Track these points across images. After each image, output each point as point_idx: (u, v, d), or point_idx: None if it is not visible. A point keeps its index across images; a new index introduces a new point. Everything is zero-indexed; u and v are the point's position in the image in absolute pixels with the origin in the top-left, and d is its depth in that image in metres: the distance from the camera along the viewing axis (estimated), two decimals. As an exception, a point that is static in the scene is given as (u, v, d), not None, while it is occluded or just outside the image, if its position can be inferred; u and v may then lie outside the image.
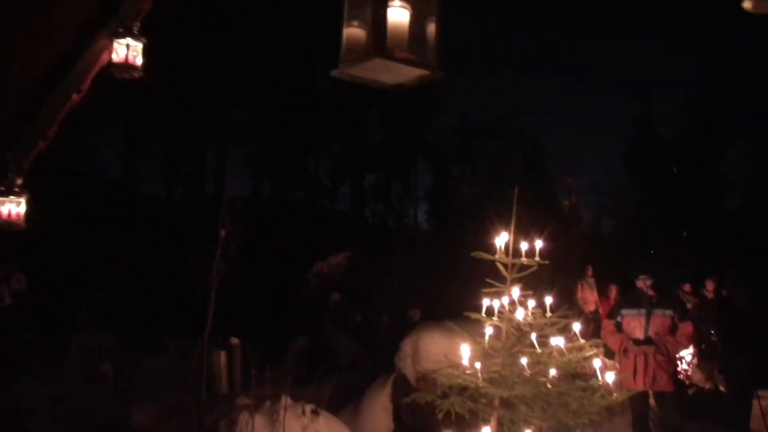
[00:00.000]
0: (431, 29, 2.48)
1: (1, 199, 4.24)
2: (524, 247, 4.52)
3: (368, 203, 29.42)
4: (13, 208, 4.28)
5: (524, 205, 4.79)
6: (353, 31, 2.47)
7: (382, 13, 2.35)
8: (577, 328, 4.57)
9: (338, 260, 16.67)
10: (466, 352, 4.44)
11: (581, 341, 4.52)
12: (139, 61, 4.14)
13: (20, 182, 4.29)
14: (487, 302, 4.56)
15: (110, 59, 4.05)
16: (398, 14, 2.38)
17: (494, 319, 4.53)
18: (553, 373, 4.32)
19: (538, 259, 4.51)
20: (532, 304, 4.54)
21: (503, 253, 4.54)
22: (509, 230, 4.55)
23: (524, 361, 4.33)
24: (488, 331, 4.51)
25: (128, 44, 4.06)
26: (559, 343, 4.39)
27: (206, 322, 6.53)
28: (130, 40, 4.07)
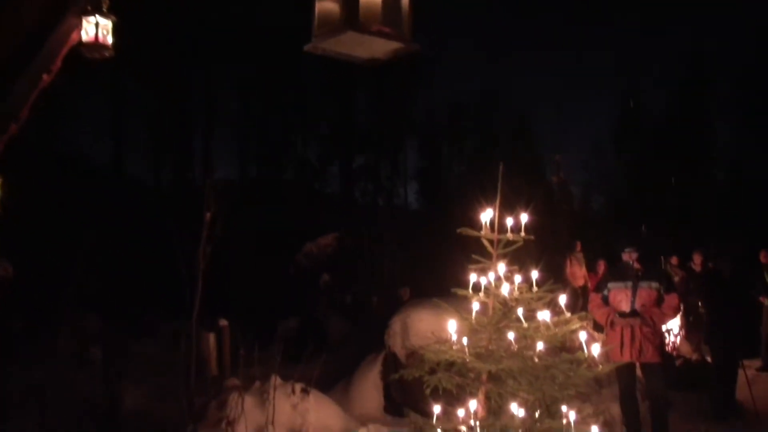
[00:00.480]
0: (405, 2, 2.43)
1: None
2: (510, 222, 4.51)
3: (358, 183, 29.36)
4: None
5: (511, 181, 4.77)
6: (326, 4, 2.42)
7: (354, -15, 2.31)
8: (563, 301, 4.58)
9: (327, 241, 16.68)
10: (453, 328, 4.45)
11: (567, 315, 4.54)
12: (109, 40, 4.02)
13: None
14: (473, 278, 4.56)
15: (80, 38, 3.95)
16: (371, -14, 2.34)
17: (481, 294, 4.53)
18: (539, 346, 4.33)
19: (523, 234, 4.50)
20: (518, 279, 4.55)
21: (489, 229, 4.53)
22: (495, 206, 4.54)
23: (511, 335, 4.35)
24: (475, 306, 4.51)
25: (97, 22, 3.94)
26: (545, 317, 4.40)
27: (194, 304, 6.51)
28: (99, 18, 3.96)
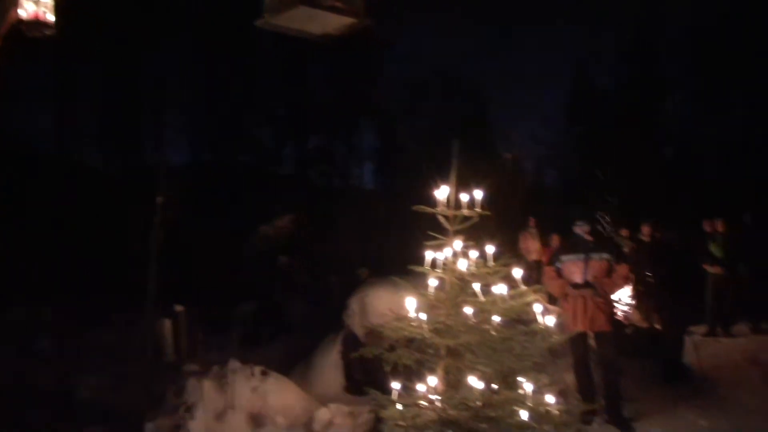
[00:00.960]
0: (357, -24, 2.41)
1: None
2: (465, 198, 4.55)
3: (313, 164, 29.12)
4: None
5: (465, 157, 4.80)
6: (276, -23, 2.37)
7: (305, -42, 2.26)
8: (518, 275, 4.66)
9: (284, 223, 16.55)
10: (411, 304, 4.49)
11: (522, 288, 4.62)
12: (50, 17, 3.86)
13: None
14: (430, 255, 4.60)
15: (18, 16, 3.78)
16: (322, -41, 2.29)
17: (438, 270, 4.57)
18: (496, 319, 4.41)
19: (479, 210, 4.55)
20: (474, 254, 4.60)
21: (445, 205, 4.56)
22: (450, 183, 4.57)
23: (468, 310, 4.41)
24: (433, 283, 4.55)
25: (37, 0, 3.79)
26: (501, 290, 4.48)
27: (148, 290, 6.40)
28: None
